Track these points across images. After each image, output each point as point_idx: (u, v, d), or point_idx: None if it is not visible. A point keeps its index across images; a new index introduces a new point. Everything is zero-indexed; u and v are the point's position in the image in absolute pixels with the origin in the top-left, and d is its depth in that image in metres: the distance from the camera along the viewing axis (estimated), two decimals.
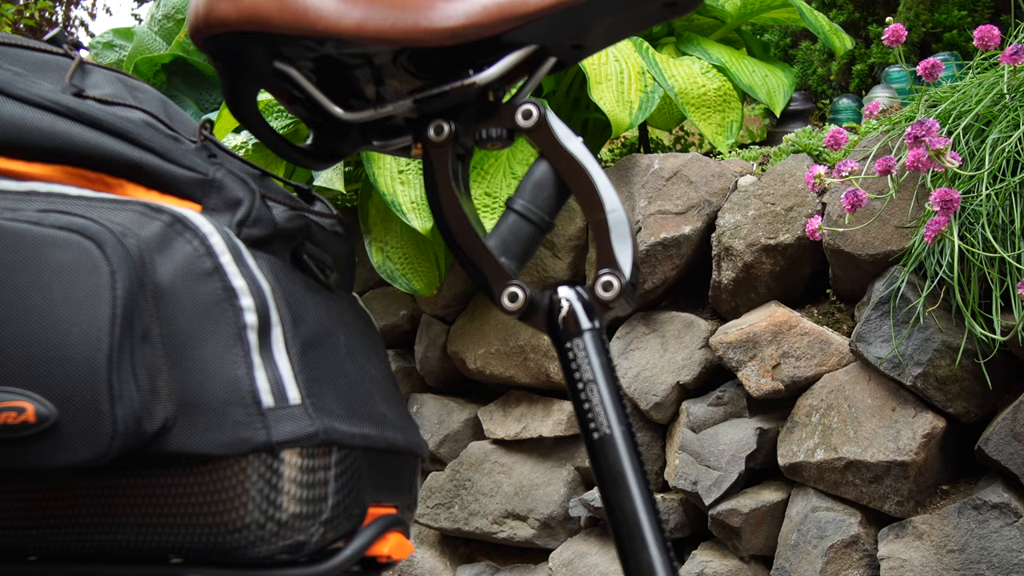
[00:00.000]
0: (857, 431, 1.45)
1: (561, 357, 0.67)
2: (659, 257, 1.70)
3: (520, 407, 1.91)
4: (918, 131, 1.17)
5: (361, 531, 0.68)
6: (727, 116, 1.99)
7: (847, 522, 1.45)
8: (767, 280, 1.62)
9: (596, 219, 0.67)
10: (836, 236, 1.51)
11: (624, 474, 0.65)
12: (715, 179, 1.72)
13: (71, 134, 0.70)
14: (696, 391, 1.68)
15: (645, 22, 0.72)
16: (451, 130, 0.71)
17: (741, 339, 1.58)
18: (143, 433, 0.61)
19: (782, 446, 1.55)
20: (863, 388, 1.47)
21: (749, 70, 2.09)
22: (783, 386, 1.55)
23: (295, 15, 0.65)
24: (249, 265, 0.66)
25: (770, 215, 1.62)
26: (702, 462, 1.61)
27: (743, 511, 1.55)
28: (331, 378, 0.68)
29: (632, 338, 1.74)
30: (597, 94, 1.82)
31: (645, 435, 1.73)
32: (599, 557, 1.73)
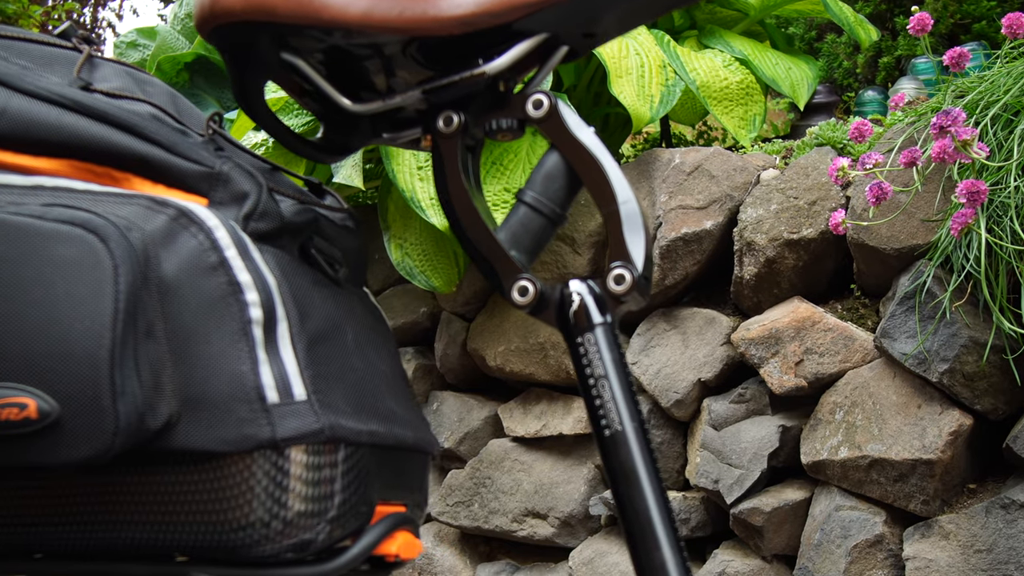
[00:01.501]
0: (882, 429, 1.42)
1: (572, 352, 0.65)
2: (680, 252, 1.68)
3: (540, 404, 1.89)
4: (943, 121, 1.15)
5: (369, 529, 0.67)
6: (750, 109, 1.96)
7: (871, 521, 1.43)
8: (790, 275, 1.60)
9: (608, 211, 0.65)
10: (860, 230, 1.48)
11: (636, 471, 0.63)
12: (737, 173, 1.70)
13: (78, 128, 0.69)
14: (718, 388, 1.65)
15: (659, 9, 0.70)
16: (460, 121, 0.69)
17: (763, 335, 1.56)
18: (146, 429, 0.60)
19: (805, 444, 1.53)
20: (888, 385, 1.44)
21: (772, 63, 2.07)
22: (806, 383, 1.52)
23: (300, 3, 0.64)
24: (255, 259, 0.65)
25: (793, 209, 1.59)
26: (724, 460, 1.59)
27: (765, 510, 1.53)
28: (338, 374, 0.67)
29: (653, 335, 1.72)
30: (617, 88, 1.80)
31: (666, 433, 1.71)
32: (619, 556, 1.71)
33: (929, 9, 2.56)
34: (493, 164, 1.86)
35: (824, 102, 2.11)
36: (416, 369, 2.09)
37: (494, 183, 1.83)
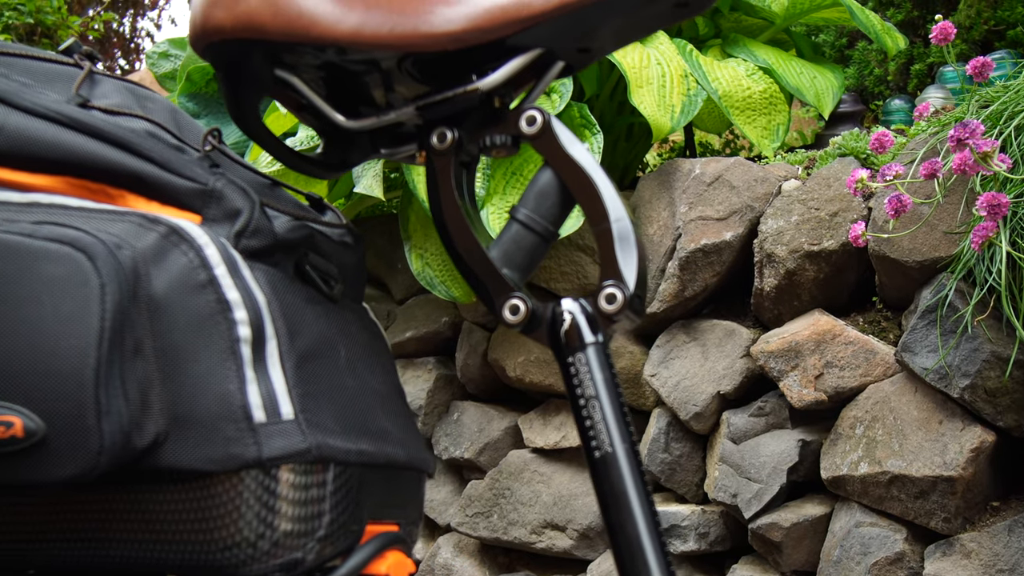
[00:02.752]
0: (902, 444, 1.40)
1: (563, 372, 0.65)
2: (699, 264, 1.66)
3: (560, 415, 1.88)
4: (961, 133, 1.12)
5: (358, 549, 0.66)
6: (773, 119, 1.94)
7: (892, 538, 1.40)
8: (810, 287, 1.57)
9: (600, 228, 0.65)
10: (882, 242, 1.46)
11: (626, 494, 0.62)
12: (758, 184, 1.68)
13: (74, 145, 0.69)
14: (737, 401, 1.64)
15: (655, 24, 0.69)
16: (454, 137, 0.69)
17: (783, 348, 1.54)
18: (132, 448, 0.60)
19: (825, 459, 1.50)
20: (909, 400, 1.42)
21: (797, 71, 2.04)
22: (826, 397, 1.50)
23: (289, 21, 0.64)
24: (244, 277, 0.65)
25: (814, 220, 1.57)
26: (742, 474, 1.57)
27: (784, 525, 1.51)
28: (328, 392, 0.66)
29: (672, 346, 1.71)
30: (637, 98, 1.79)
31: (685, 446, 1.69)
32: None
33: (962, 16, 2.52)
34: (513, 175, 1.85)
35: (850, 111, 2.08)
36: (437, 379, 2.09)
37: (513, 193, 1.82)
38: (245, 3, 0.64)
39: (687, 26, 2.32)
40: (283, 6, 0.64)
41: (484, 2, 0.66)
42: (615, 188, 0.66)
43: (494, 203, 1.81)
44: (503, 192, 1.83)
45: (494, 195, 1.82)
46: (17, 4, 5.83)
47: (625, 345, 1.79)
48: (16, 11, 5.85)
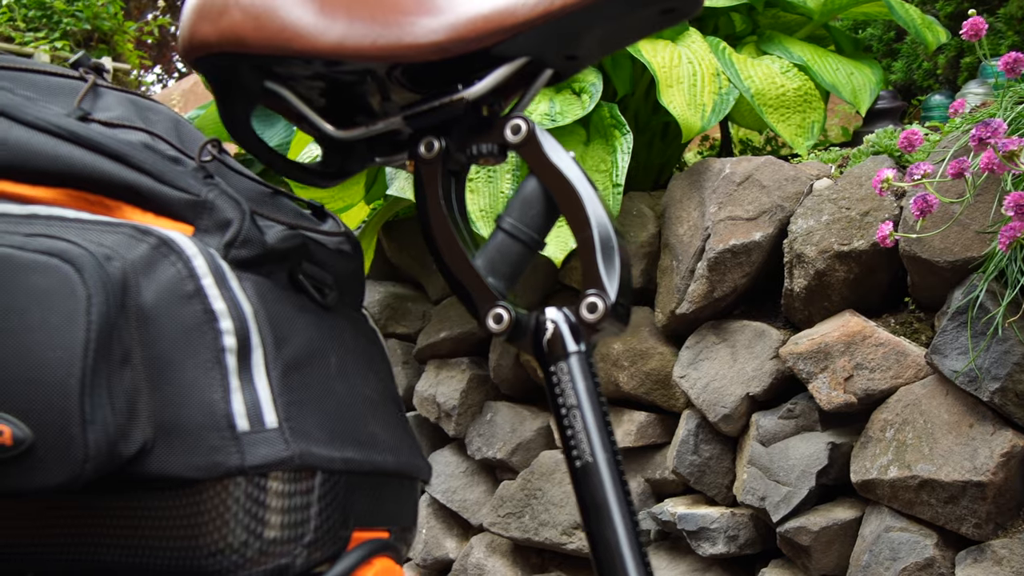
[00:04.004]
0: (932, 448, 1.37)
1: (546, 381, 0.65)
2: (728, 264, 1.64)
3: None
4: (982, 133, 1.10)
5: (344, 556, 0.67)
6: (808, 117, 1.91)
7: (922, 544, 1.38)
8: (841, 288, 1.55)
9: (582, 237, 0.64)
10: (912, 242, 1.43)
11: (607, 504, 0.62)
12: (788, 183, 1.66)
13: (72, 157, 0.71)
14: (767, 403, 1.62)
15: (642, 30, 0.69)
16: (441, 146, 0.69)
17: (812, 350, 1.51)
18: (119, 456, 0.61)
19: (855, 462, 1.48)
20: (940, 403, 1.39)
21: (833, 68, 2.01)
22: (856, 399, 1.48)
23: (271, 35, 0.65)
24: (232, 287, 0.66)
25: (844, 220, 1.55)
26: (771, 477, 1.55)
27: (813, 529, 1.49)
28: (315, 400, 0.67)
29: (702, 348, 1.69)
30: (667, 97, 1.78)
31: (714, 448, 1.68)
32: (668, 572, 1.69)
33: (1014, 7, 2.46)
34: None
35: (888, 107, 2.04)
36: (471, 379, 2.10)
37: None
38: (229, 17, 0.65)
39: (723, 23, 2.29)
40: (265, 20, 0.65)
41: (468, 12, 0.66)
42: (598, 196, 0.66)
43: None
44: None
45: None
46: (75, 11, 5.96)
47: (655, 346, 1.78)
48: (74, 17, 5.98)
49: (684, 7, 0.65)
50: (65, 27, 6.13)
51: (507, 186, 1.82)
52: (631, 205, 1.86)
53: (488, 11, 0.65)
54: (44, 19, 6.04)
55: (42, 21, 6.03)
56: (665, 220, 1.81)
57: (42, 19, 6.04)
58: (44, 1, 6.01)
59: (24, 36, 5.81)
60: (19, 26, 5.91)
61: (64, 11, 6.07)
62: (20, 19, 5.92)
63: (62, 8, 6.03)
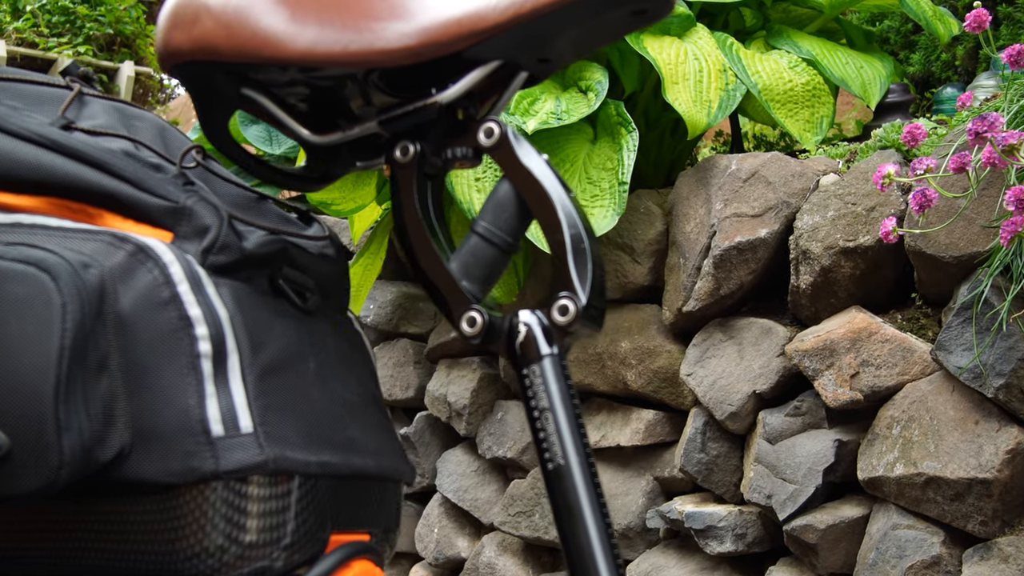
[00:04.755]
0: (938, 445, 1.36)
1: (519, 384, 0.65)
2: (734, 262, 1.64)
3: (600, 415, 1.88)
4: (979, 127, 1.09)
5: (322, 559, 0.67)
6: (816, 112, 1.90)
7: (928, 541, 1.37)
8: (847, 284, 1.54)
9: (554, 240, 0.65)
10: (917, 237, 1.42)
11: (579, 507, 0.62)
12: (795, 179, 1.65)
13: (54, 166, 0.72)
14: (774, 401, 1.61)
15: (615, 31, 0.69)
16: (416, 151, 0.70)
17: (817, 347, 1.51)
18: (95, 462, 0.62)
19: (862, 459, 1.47)
20: (946, 399, 1.38)
21: (842, 62, 2.00)
22: (862, 396, 1.47)
23: (242, 43, 0.65)
24: (208, 293, 0.66)
25: (850, 216, 1.54)
26: (778, 475, 1.54)
27: (819, 527, 1.48)
28: (292, 404, 0.67)
29: (708, 345, 1.69)
30: (672, 95, 1.77)
31: (722, 446, 1.67)
32: (677, 570, 1.69)
33: None
34: None
35: (899, 101, 2.02)
36: (481, 378, 2.10)
37: None
38: (201, 26, 0.66)
39: (733, 19, 2.28)
40: (236, 28, 0.65)
41: (440, 16, 0.66)
42: (570, 199, 0.66)
43: None
44: None
45: None
46: (98, 16, 6.02)
47: (663, 344, 1.77)
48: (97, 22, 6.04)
49: (656, 8, 0.65)
50: (88, 32, 6.19)
51: None
52: (638, 203, 1.86)
53: (460, 15, 0.66)
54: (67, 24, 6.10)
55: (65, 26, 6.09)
56: (673, 217, 1.80)
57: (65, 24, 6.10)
58: (67, 6, 6.07)
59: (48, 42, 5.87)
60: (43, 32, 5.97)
61: (87, 16, 6.12)
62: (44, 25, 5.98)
63: (85, 13, 6.08)
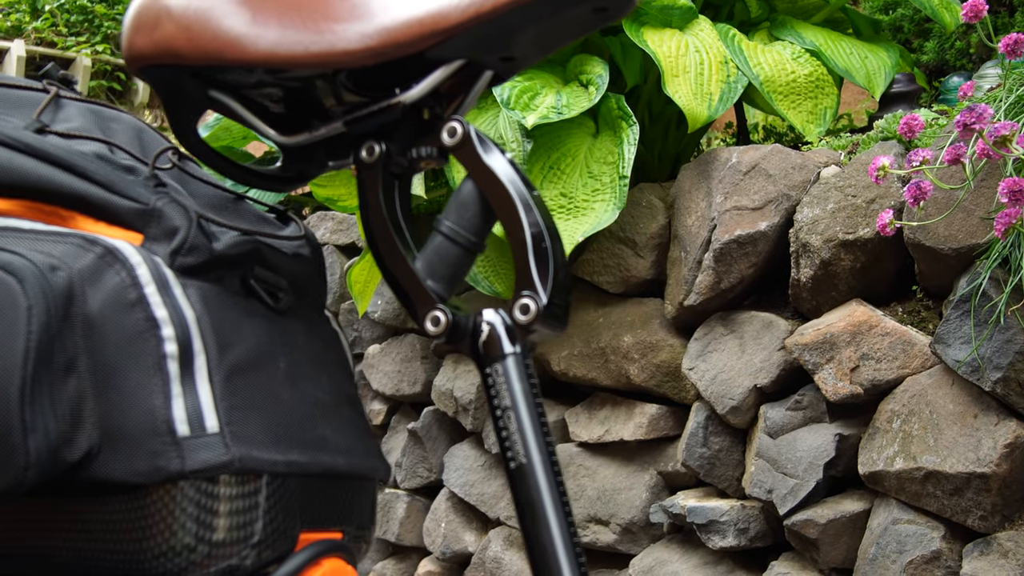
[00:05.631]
0: (937, 439, 1.35)
1: (483, 383, 0.65)
2: (734, 255, 1.63)
3: (604, 409, 1.87)
4: (967, 119, 1.07)
5: (292, 556, 0.68)
6: (819, 103, 1.88)
7: (928, 536, 1.36)
8: (847, 277, 1.53)
9: (514, 239, 0.65)
10: (917, 230, 1.41)
11: (541, 505, 0.62)
12: (795, 171, 1.64)
13: (26, 169, 0.72)
14: (775, 394, 1.60)
15: (577, 29, 0.69)
16: (382, 151, 0.70)
17: (817, 340, 1.50)
18: (62, 462, 0.62)
19: (863, 453, 1.46)
20: (945, 393, 1.36)
21: (846, 52, 1.98)
22: (862, 390, 1.46)
23: (203, 46, 0.66)
24: (174, 295, 0.67)
25: (850, 208, 1.52)
26: (779, 469, 1.53)
27: (820, 521, 1.47)
28: (259, 404, 0.68)
29: (710, 339, 1.68)
30: (672, 88, 1.76)
31: (724, 440, 1.67)
32: (680, 564, 1.68)
33: None
34: (551, 169, 1.85)
35: (904, 91, 2.00)
36: None
37: (551, 188, 1.82)
38: (162, 30, 0.66)
39: (739, 10, 2.26)
40: (197, 31, 0.66)
41: (401, 16, 0.66)
42: (533, 198, 0.66)
43: None
44: (540, 187, 1.82)
45: None
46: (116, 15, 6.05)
47: (665, 338, 1.77)
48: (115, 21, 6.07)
49: (616, 6, 0.65)
50: (106, 31, 6.22)
51: None
52: (641, 196, 1.86)
53: (421, 15, 0.66)
54: (85, 23, 6.14)
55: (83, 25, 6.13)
56: (674, 211, 1.80)
57: (83, 23, 6.14)
58: (85, 5, 6.11)
59: (66, 41, 5.92)
60: (61, 31, 6.02)
61: (105, 15, 6.16)
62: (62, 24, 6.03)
63: (103, 12, 6.11)
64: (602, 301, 1.90)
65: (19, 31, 6.05)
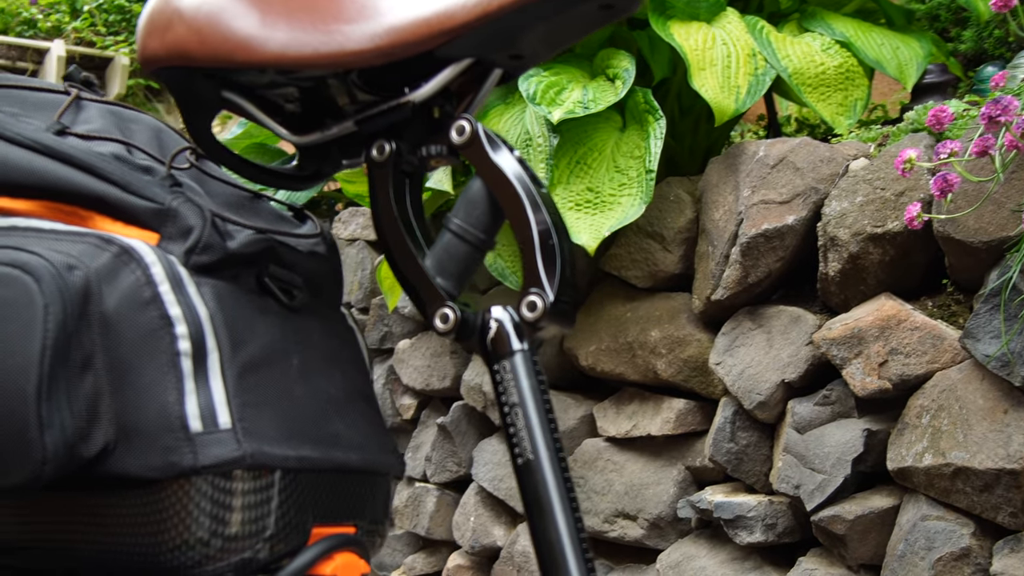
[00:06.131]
0: (967, 435, 1.33)
1: (492, 379, 0.65)
2: (761, 250, 1.62)
3: (632, 404, 1.87)
4: (992, 111, 1.06)
5: (304, 551, 0.69)
6: (850, 95, 1.86)
7: (958, 533, 1.34)
8: (876, 271, 1.51)
9: (521, 236, 0.65)
10: (946, 223, 1.39)
11: (548, 501, 0.63)
12: (823, 164, 1.62)
13: (47, 170, 0.74)
14: (803, 389, 1.59)
15: (585, 26, 0.69)
16: (392, 149, 0.70)
17: (845, 335, 1.48)
18: (79, 457, 0.64)
19: (891, 449, 1.45)
20: (976, 388, 1.35)
21: (877, 43, 1.95)
22: (890, 385, 1.44)
23: (214, 48, 0.67)
24: (188, 293, 0.68)
25: (879, 201, 1.51)
26: (807, 465, 1.52)
27: (847, 518, 1.46)
28: (272, 400, 0.69)
29: (737, 334, 1.67)
30: (699, 81, 1.75)
31: (752, 435, 1.66)
32: (707, 560, 1.68)
33: None
34: (577, 164, 1.85)
35: (937, 81, 1.98)
36: None
37: (577, 183, 1.82)
38: (174, 32, 0.67)
39: (768, 1, 2.24)
40: (208, 33, 0.67)
41: (409, 16, 0.67)
42: (540, 195, 0.66)
43: (558, 193, 1.81)
44: (567, 182, 1.82)
45: (558, 185, 1.82)
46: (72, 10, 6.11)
47: (693, 333, 1.76)
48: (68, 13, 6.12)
49: (622, 3, 0.65)
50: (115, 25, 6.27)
51: (541, 175, 1.83)
52: (668, 190, 1.85)
53: (429, 14, 0.66)
54: (124, 23, 6.22)
55: (121, 25, 6.21)
56: (702, 205, 1.79)
57: (121, 23, 6.22)
58: (123, 5, 6.19)
59: (105, 40, 6.00)
60: (100, 31, 6.11)
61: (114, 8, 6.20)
62: (101, 24, 6.11)
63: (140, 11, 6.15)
64: (630, 296, 1.90)
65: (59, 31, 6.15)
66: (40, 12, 6.16)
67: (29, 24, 6.13)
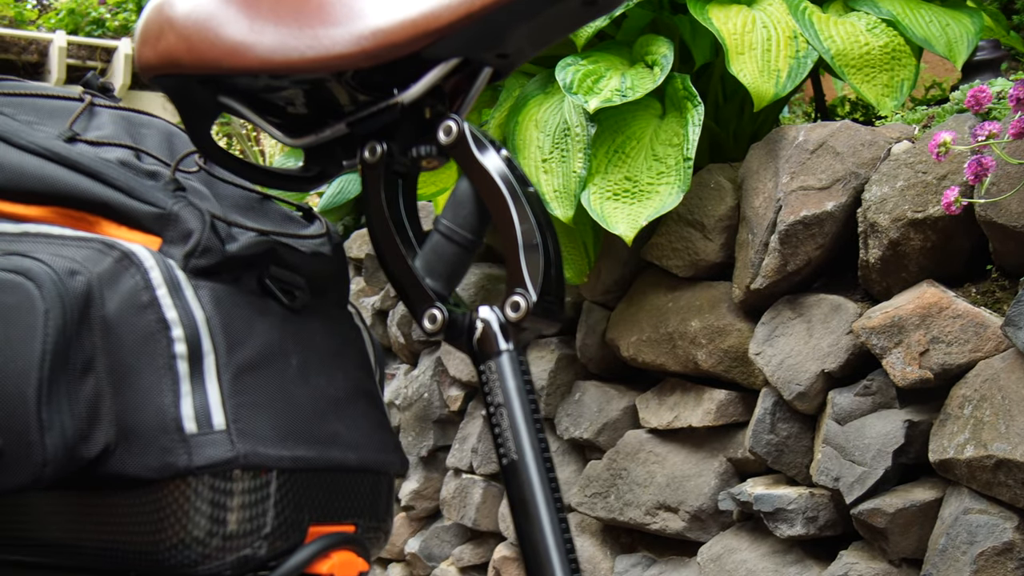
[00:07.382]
0: (1009, 426, 1.29)
1: (479, 379, 0.66)
2: (800, 237, 1.59)
3: (674, 395, 1.86)
4: (1020, 92, 1.02)
5: (300, 549, 0.70)
6: (896, 75, 1.82)
7: (1001, 527, 1.31)
8: (917, 257, 1.48)
9: (506, 236, 0.65)
10: (988, 207, 1.35)
11: (533, 502, 0.63)
12: (864, 148, 1.59)
13: (56, 177, 0.76)
14: (843, 380, 1.56)
15: (569, 24, 0.68)
16: (383, 151, 0.71)
17: (885, 324, 1.45)
18: (79, 458, 0.66)
19: (934, 440, 1.41)
20: (1018, 377, 1.31)
21: (926, 20, 1.90)
22: (931, 374, 1.41)
23: (202, 55, 0.68)
24: (186, 297, 0.70)
25: (920, 185, 1.47)
26: (847, 457, 1.50)
27: (888, 511, 1.43)
28: (268, 401, 0.70)
29: (777, 323, 1.65)
30: (737, 66, 1.72)
31: (792, 426, 1.63)
32: (748, 553, 1.66)
33: None
34: (615, 153, 1.83)
35: (988, 59, 1.91)
36: (559, 359, 2.11)
37: (615, 171, 1.81)
38: (165, 41, 0.69)
39: None
40: (196, 41, 0.68)
41: (394, 18, 0.67)
42: (525, 195, 0.66)
43: (596, 183, 1.80)
44: (604, 172, 1.81)
45: (596, 175, 1.81)
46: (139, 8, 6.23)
47: (733, 322, 1.74)
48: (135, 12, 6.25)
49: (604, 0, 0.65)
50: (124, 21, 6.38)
51: (579, 165, 1.82)
52: (709, 177, 1.83)
53: (414, 15, 0.66)
54: None
55: None
56: (743, 192, 1.76)
57: None
58: None
59: None
60: None
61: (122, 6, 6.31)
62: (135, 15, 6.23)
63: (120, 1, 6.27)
64: (672, 286, 1.88)
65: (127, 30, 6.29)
66: (108, 11, 6.32)
67: (98, 23, 6.30)
